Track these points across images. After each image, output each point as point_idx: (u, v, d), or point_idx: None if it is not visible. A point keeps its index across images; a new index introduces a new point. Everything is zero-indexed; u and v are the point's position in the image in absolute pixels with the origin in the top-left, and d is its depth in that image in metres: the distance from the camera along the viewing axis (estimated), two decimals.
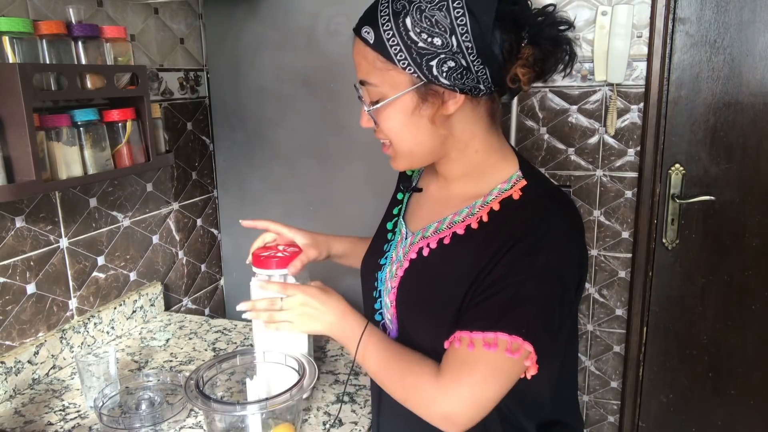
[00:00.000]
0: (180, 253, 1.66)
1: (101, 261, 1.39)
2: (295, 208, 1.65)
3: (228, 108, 1.65)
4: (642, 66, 1.90)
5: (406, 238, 0.92)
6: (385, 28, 0.75)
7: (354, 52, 0.81)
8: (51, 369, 1.25)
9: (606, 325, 2.16)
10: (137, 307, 1.49)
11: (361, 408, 1.12)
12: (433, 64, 0.74)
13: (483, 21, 0.73)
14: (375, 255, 0.98)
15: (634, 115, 1.95)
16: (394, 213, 1.00)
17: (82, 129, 1.10)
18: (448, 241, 0.84)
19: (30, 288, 1.21)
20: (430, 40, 0.74)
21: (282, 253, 1.05)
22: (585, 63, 1.94)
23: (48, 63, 1.06)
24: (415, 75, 0.76)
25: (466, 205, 0.85)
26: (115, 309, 1.41)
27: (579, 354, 2.20)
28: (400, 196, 1.01)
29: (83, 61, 1.13)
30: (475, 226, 0.82)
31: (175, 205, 1.63)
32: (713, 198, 1.96)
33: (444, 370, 0.77)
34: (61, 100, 1.19)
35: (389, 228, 0.99)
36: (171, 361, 1.32)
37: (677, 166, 1.98)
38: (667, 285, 2.07)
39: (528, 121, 2.04)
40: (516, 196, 0.81)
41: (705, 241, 2.01)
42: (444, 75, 0.75)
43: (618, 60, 1.89)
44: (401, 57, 0.75)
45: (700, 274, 2.04)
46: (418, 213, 0.94)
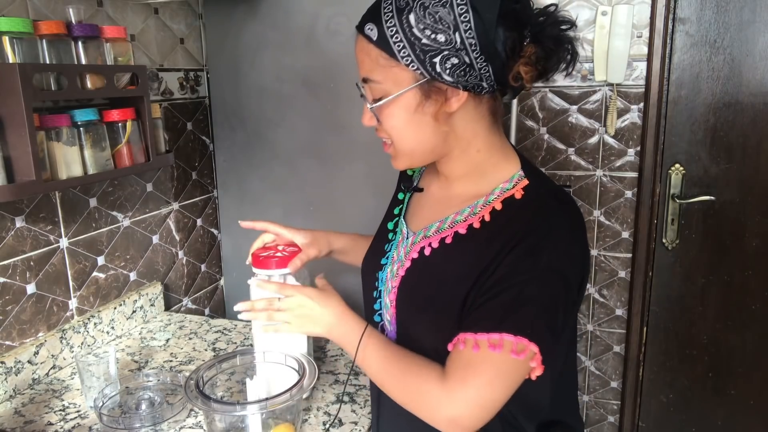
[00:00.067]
0: (180, 253, 1.66)
1: (101, 261, 1.38)
2: (295, 208, 1.65)
3: (228, 108, 1.65)
4: (642, 66, 1.90)
5: (407, 237, 0.92)
6: (389, 24, 0.75)
7: (357, 49, 0.81)
8: (51, 369, 1.25)
9: (606, 325, 2.16)
10: (137, 307, 1.48)
11: (361, 408, 1.12)
12: (437, 60, 0.74)
13: (486, 18, 0.73)
14: (376, 255, 0.98)
15: (634, 115, 1.95)
16: (395, 213, 1.00)
17: (82, 129, 1.10)
18: (450, 241, 0.84)
19: (30, 288, 1.21)
20: (433, 36, 0.73)
21: (281, 253, 1.05)
22: (585, 63, 1.94)
23: (48, 63, 1.06)
24: (419, 72, 0.76)
25: (467, 205, 0.84)
26: (115, 309, 1.41)
27: (579, 354, 2.20)
28: (401, 196, 1.01)
29: (83, 61, 1.12)
30: (477, 225, 0.82)
31: (175, 205, 1.63)
32: (713, 198, 1.96)
33: (449, 372, 0.76)
34: (61, 100, 1.19)
35: (390, 228, 0.98)
36: (171, 361, 1.32)
37: (677, 166, 1.98)
38: (667, 285, 2.07)
39: (528, 121, 2.04)
40: (518, 195, 0.81)
41: (705, 241, 2.01)
42: (447, 72, 0.75)
43: (618, 60, 1.89)
44: (405, 54, 0.75)
45: (700, 274, 2.04)
46: (419, 213, 0.94)
